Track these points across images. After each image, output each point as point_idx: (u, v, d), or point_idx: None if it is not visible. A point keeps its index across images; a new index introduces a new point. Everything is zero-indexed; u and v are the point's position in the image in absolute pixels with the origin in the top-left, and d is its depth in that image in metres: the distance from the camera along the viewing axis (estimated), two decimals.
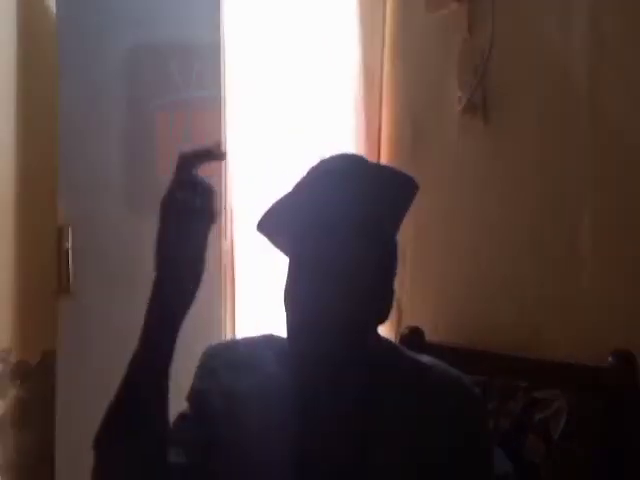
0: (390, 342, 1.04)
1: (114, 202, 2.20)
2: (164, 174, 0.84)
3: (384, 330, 1.24)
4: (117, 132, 2.22)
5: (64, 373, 2.16)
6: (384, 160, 1.94)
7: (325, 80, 2.01)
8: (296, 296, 0.94)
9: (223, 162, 1.97)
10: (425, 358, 1.00)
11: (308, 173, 0.97)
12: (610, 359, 1.23)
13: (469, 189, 1.67)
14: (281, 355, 0.99)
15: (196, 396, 1.00)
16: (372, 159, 1.92)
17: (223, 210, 1.99)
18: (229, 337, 2.03)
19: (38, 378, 2.34)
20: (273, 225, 0.99)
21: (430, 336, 1.66)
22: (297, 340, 0.95)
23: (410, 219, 1.81)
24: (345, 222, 0.93)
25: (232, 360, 1.01)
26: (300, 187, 0.96)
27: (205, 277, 0.85)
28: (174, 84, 2.17)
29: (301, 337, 0.94)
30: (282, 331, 0.99)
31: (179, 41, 2.16)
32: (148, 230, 0.85)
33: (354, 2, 2.00)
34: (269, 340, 1.04)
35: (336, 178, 0.94)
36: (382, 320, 0.98)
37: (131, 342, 0.87)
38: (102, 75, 2.20)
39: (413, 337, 1.58)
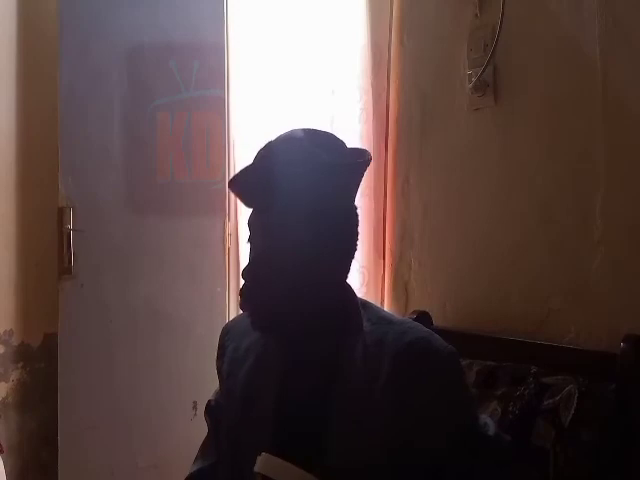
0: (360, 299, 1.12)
1: (115, 183, 2.19)
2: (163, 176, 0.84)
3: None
4: (118, 114, 2.22)
5: (66, 355, 2.16)
6: (392, 140, 1.90)
7: (332, 61, 1.98)
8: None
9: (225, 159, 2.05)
10: (396, 317, 1.11)
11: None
12: (622, 345, 1.22)
13: (479, 168, 1.64)
14: None
15: (217, 373, 1.21)
16: (380, 138, 1.89)
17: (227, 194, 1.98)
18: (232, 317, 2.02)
19: (40, 360, 2.35)
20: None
21: (438, 321, 1.65)
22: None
23: (418, 199, 1.81)
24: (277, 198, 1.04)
25: (238, 330, 1.18)
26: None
27: (209, 259, 0.84)
28: (174, 82, 2.17)
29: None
30: None
31: (180, 39, 2.16)
32: (149, 212, 0.83)
33: None
34: None
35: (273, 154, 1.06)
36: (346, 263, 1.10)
37: (132, 324, 0.85)
38: (103, 57, 2.20)
39: (421, 321, 1.56)
